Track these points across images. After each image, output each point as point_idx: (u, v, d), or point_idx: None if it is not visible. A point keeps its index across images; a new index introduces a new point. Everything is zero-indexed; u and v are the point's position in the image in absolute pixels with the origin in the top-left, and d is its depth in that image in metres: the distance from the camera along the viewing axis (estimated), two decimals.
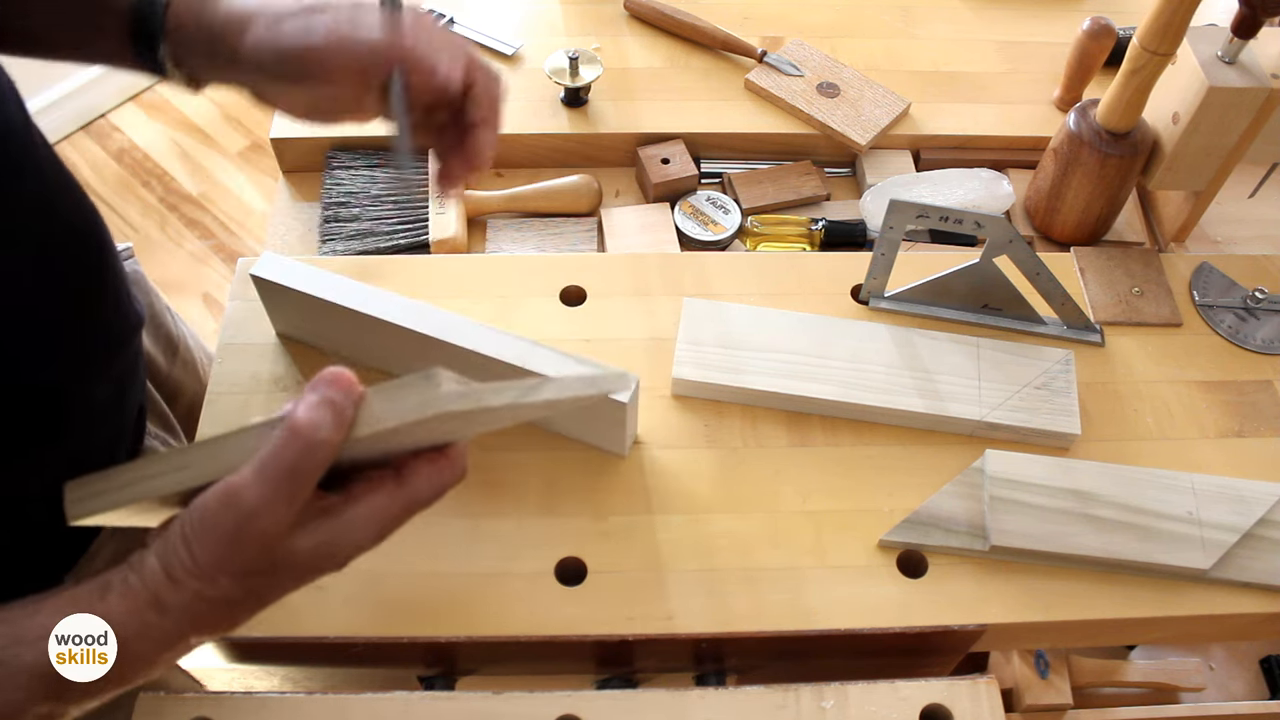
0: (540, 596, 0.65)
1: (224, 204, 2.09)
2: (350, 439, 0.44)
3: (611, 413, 0.66)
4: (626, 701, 0.61)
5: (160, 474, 0.48)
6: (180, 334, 0.87)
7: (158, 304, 0.84)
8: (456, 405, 0.44)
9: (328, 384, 0.44)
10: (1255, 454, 0.74)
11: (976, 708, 0.60)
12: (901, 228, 0.74)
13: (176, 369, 0.85)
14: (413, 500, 0.48)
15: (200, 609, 0.46)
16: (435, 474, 0.48)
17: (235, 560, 0.45)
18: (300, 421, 0.43)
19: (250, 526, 0.44)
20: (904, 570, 0.67)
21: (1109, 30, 0.91)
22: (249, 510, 0.43)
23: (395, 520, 0.48)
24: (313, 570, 0.47)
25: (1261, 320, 0.81)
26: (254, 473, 0.43)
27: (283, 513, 0.44)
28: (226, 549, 0.44)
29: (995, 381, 0.74)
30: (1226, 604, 0.67)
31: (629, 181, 0.95)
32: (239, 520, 0.44)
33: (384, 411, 0.44)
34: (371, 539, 0.47)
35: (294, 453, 0.43)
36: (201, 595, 0.46)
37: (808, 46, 0.99)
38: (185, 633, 0.47)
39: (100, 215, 0.63)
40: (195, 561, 0.45)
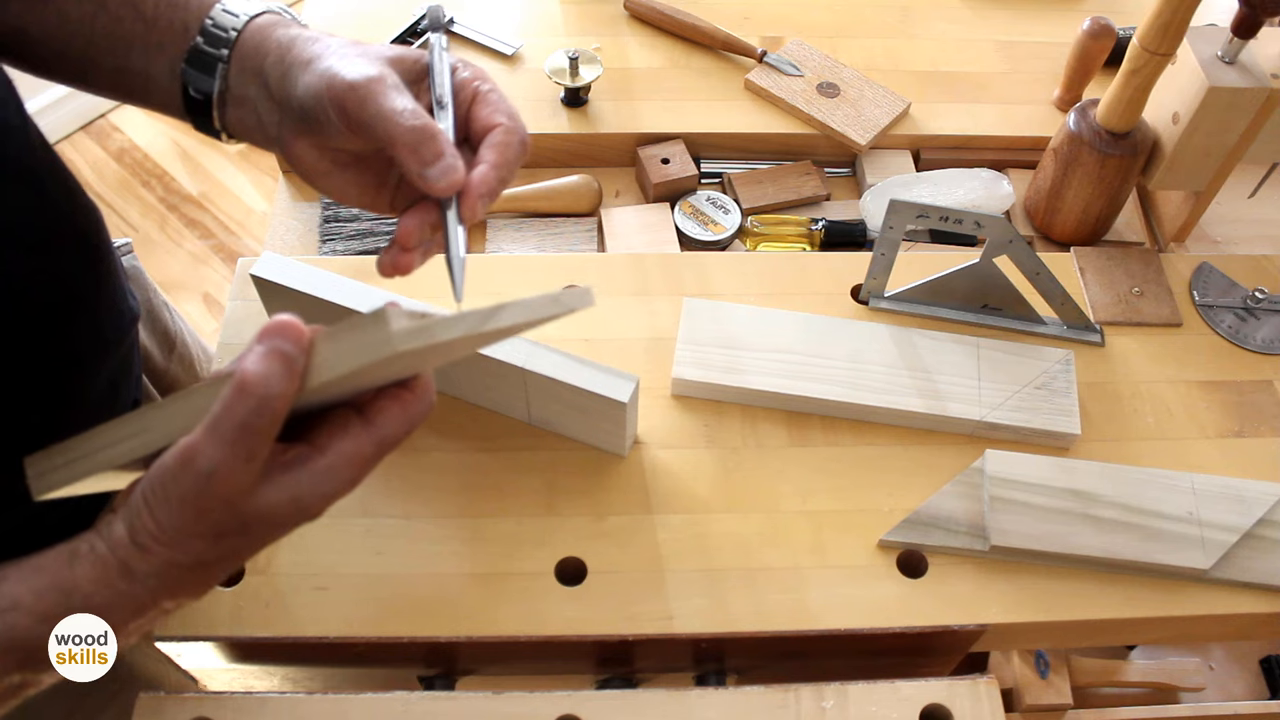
0: (540, 596, 0.65)
1: (224, 204, 2.09)
2: (303, 389, 0.42)
3: (611, 413, 0.66)
4: (626, 701, 0.61)
5: (119, 440, 0.47)
6: (178, 329, 0.87)
7: (155, 299, 0.84)
8: (409, 344, 0.42)
9: (274, 334, 0.42)
10: (1255, 454, 0.74)
11: (976, 708, 0.60)
12: (901, 228, 0.74)
13: (173, 364, 0.85)
14: (383, 440, 0.46)
15: (173, 575, 0.45)
16: (402, 410, 0.46)
17: (202, 523, 0.44)
18: (249, 375, 0.41)
19: (211, 489, 0.42)
20: (904, 570, 0.67)
21: (1109, 30, 0.91)
22: (206, 471, 0.42)
23: (367, 463, 0.46)
24: (287, 524, 0.46)
25: (1261, 320, 0.81)
26: (207, 432, 0.42)
27: (241, 470, 0.43)
28: (191, 513, 0.43)
29: (995, 381, 0.74)
30: (1226, 604, 0.67)
31: (629, 181, 0.95)
32: (198, 483, 0.42)
33: (335, 357, 0.42)
34: (344, 485, 0.46)
35: (245, 409, 0.41)
36: (173, 562, 0.45)
37: (808, 46, 0.99)
38: (159, 598, 0.46)
39: (99, 213, 0.63)
40: (160, 528, 0.44)
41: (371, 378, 0.46)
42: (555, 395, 0.67)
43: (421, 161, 0.50)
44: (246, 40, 0.54)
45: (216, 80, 0.55)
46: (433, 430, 0.71)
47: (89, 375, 0.64)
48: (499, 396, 0.70)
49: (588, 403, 0.66)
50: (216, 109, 0.56)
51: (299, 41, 0.54)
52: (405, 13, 0.99)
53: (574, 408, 0.67)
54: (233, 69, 0.55)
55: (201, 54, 0.54)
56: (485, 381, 0.69)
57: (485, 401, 0.72)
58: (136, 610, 0.46)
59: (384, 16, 1.00)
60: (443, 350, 0.46)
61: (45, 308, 0.58)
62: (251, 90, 0.55)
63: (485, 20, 1.01)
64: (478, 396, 0.71)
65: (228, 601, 0.63)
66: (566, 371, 0.65)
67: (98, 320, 0.64)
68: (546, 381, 0.65)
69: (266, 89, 0.54)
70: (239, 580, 0.64)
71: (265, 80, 0.54)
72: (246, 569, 0.65)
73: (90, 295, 0.63)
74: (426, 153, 0.50)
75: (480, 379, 0.68)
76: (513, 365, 0.65)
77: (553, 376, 0.65)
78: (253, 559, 0.65)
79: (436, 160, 0.50)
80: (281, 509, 0.44)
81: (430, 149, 0.50)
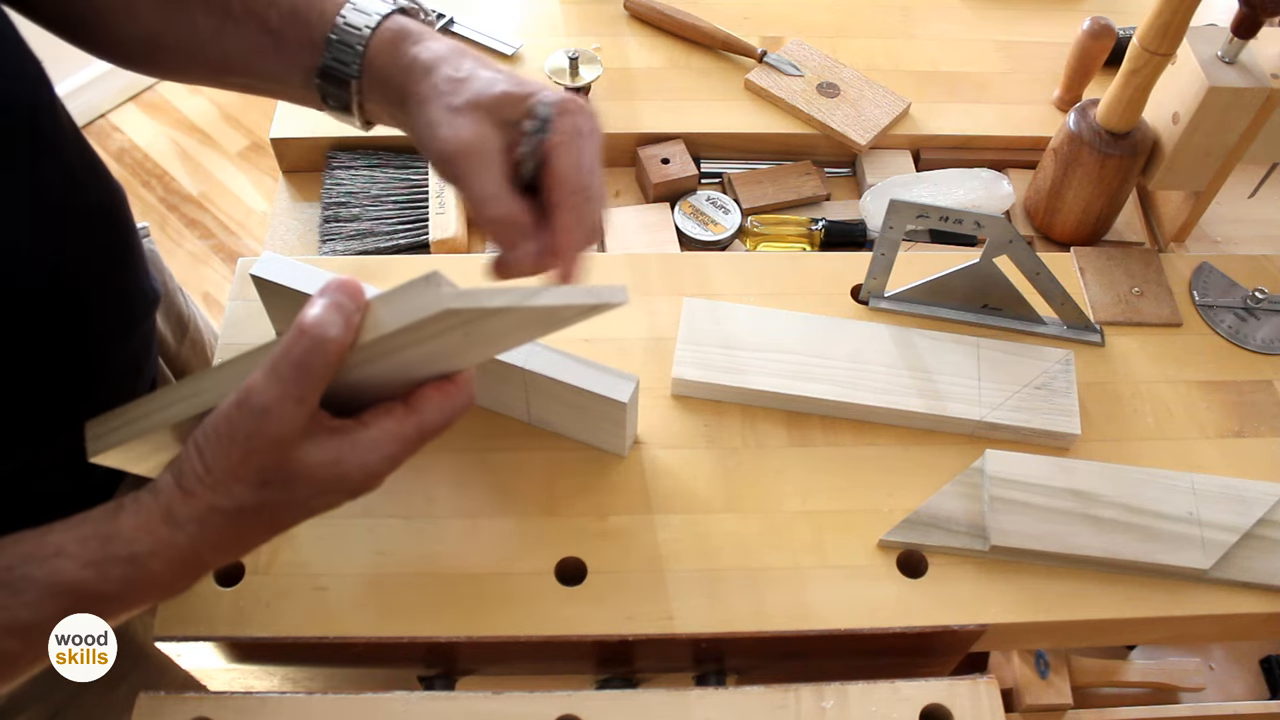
0: (540, 596, 0.65)
1: (224, 204, 2.09)
2: (357, 346, 0.45)
3: (611, 413, 0.66)
4: (626, 701, 0.61)
5: (172, 402, 0.49)
6: (191, 314, 0.89)
7: (171, 284, 0.85)
8: (457, 303, 0.43)
9: (335, 289, 0.45)
10: (1255, 454, 0.74)
11: (976, 708, 0.60)
12: (901, 228, 0.74)
13: (185, 348, 0.86)
14: (423, 424, 0.48)
15: (214, 522, 0.46)
16: (444, 399, 0.49)
17: (248, 466, 0.45)
18: (308, 320, 0.44)
19: (262, 428, 0.44)
20: (904, 570, 0.67)
21: (1109, 30, 0.91)
22: (261, 408, 0.44)
23: (406, 444, 0.48)
24: (325, 489, 0.47)
25: (1261, 320, 0.81)
26: (264, 373, 0.44)
27: (293, 412, 0.45)
28: (239, 453, 0.45)
29: (995, 381, 0.74)
30: (1226, 604, 0.67)
31: (629, 181, 0.95)
32: (250, 420, 0.44)
33: (388, 316, 0.45)
34: (383, 461, 0.48)
35: (302, 349, 0.44)
36: (215, 506, 0.46)
37: (808, 46, 0.99)
38: (199, 549, 0.47)
39: (123, 192, 0.64)
40: (208, 469, 0.46)
41: (419, 357, 0.48)
42: (555, 395, 0.67)
43: (505, 246, 0.52)
44: (372, 61, 0.55)
45: (353, 96, 0.56)
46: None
47: (114, 352, 0.65)
48: (500, 397, 0.71)
49: (588, 403, 0.66)
50: (357, 113, 0.58)
51: (415, 71, 0.55)
52: None
53: (574, 408, 0.67)
54: (365, 83, 0.56)
55: (332, 71, 0.56)
56: (486, 382, 0.69)
57: (486, 402, 0.72)
58: (179, 560, 0.47)
59: None
60: (486, 328, 0.47)
61: (74, 283, 0.59)
62: (384, 109, 0.57)
63: (485, 20, 1.01)
64: (480, 398, 0.71)
65: (228, 601, 0.63)
66: (566, 371, 0.65)
67: (122, 297, 0.65)
68: (546, 381, 0.65)
69: (394, 114, 0.57)
70: (239, 580, 0.64)
71: (392, 109, 0.56)
72: (246, 569, 0.65)
73: (116, 272, 0.64)
74: (506, 241, 0.52)
75: (482, 380, 0.68)
76: (513, 365, 0.65)
77: (553, 376, 0.65)
78: (253, 559, 0.65)
79: (514, 248, 0.52)
80: (323, 469, 0.46)
81: (509, 237, 0.52)
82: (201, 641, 0.63)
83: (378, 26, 0.55)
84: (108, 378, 0.65)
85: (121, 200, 0.63)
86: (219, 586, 0.64)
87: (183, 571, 0.48)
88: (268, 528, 0.49)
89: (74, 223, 0.58)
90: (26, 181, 0.53)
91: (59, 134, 0.57)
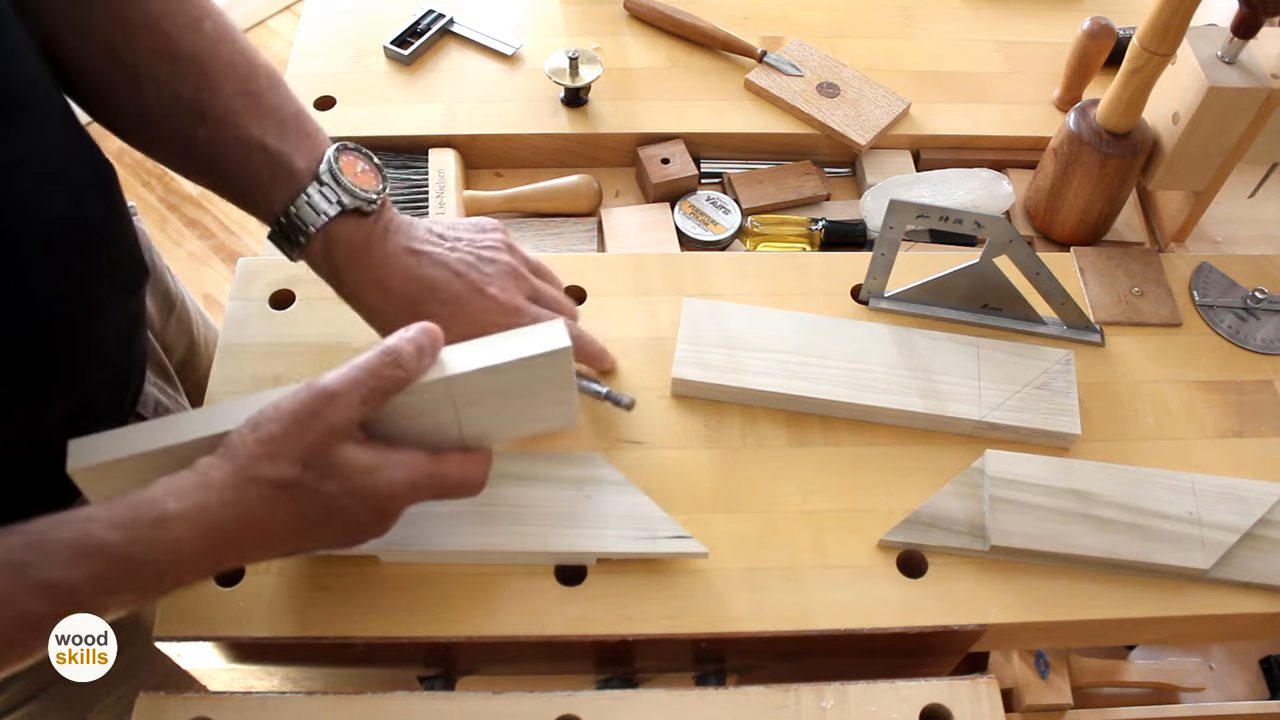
0: (540, 596, 0.65)
1: (224, 204, 2.07)
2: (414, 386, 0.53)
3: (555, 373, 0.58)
4: (626, 701, 0.61)
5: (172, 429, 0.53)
6: (178, 293, 0.90)
7: (159, 262, 0.86)
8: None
9: (421, 331, 0.54)
10: (1255, 454, 0.74)
11: (976, 708, 0.60)
12: (901, 228, 0.74)
13: (170, 326, 0.87)
14: (443, 473, 0.55)
15: (249, 493, 0.49)
16: (463, 461, 0.57)
17: (298, 443, 0.50)
18: (391, 342, 0.52)
19: (326, 410, 0.50)
20: (904, 570, 0.67)
21: (1109, 30, 0.91)
22: (331, 393, 0.50)
23: (425, 482, 0.54)
24: (351, 493, 0.52)
25: (1261, 320, 0.81)
26: (339, 370, 0.51)
27: (356, 407, 0.51)
28: (295, 427, 0.50)
29: (995, 381, 0.74)
30: (1226, 604, 0.67)
31: (629, 181, 0.95)
32: (317, 400, 0.50)
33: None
34: (404, 486, 0.53)
35: (379, 361, 0.51)
36: (256, 476, 0.49)
37: (808, 46, 0.99)
38: (228, 521, 0.49)
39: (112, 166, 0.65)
40: (260, 440, 0.49)
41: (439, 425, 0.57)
42: (487, 392, 0.57)
43: None
44: (316, 246, 0.62)
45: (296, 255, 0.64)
46: None
47: (107, 320, 0.66)
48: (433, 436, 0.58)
49: (527, 379, 0.57)
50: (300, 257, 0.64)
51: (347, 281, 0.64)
52: (406, 12, 0.99)
53: (512, 395, 0.58)
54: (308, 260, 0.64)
55: (282, 236, 0.63)
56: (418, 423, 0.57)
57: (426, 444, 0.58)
58: (206, 527, 0.48)
59: (384, 16, 1.00)
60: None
61: (71, 247, 0.59)
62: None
63: (485, 20, 1.01)
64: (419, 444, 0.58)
65: (228, 601, 0.63)
66: (490, 355, 0.56)
67: (116, 265, 0.66)
68: (474, 379, 0.56)
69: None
70: (239, 580, 0.64)
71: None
72: (246, 569, 0.65)
73: (110, 240, 0.65)
74: None
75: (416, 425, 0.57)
76: (435, 381, 0.55)
77: (478, 367, 0.55)
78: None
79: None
80: (357, 472, 0.52)
81: None
82: (201, 641, 0.63)
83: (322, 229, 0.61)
84: (102, 345, 0.65)
85: (113, 173, 0.65)
86: (219, 586, 0.64)
87: (208, 546, 0.49)
88: (294, 521, 0.51)
89: (72, 186, 0.59)
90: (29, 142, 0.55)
91: (54, 104, 0.58)
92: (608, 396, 0.71)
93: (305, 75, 0.94)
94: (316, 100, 0.92)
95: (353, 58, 0.84)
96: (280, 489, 0.50)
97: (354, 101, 0.93)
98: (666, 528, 0.65)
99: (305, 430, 0.50)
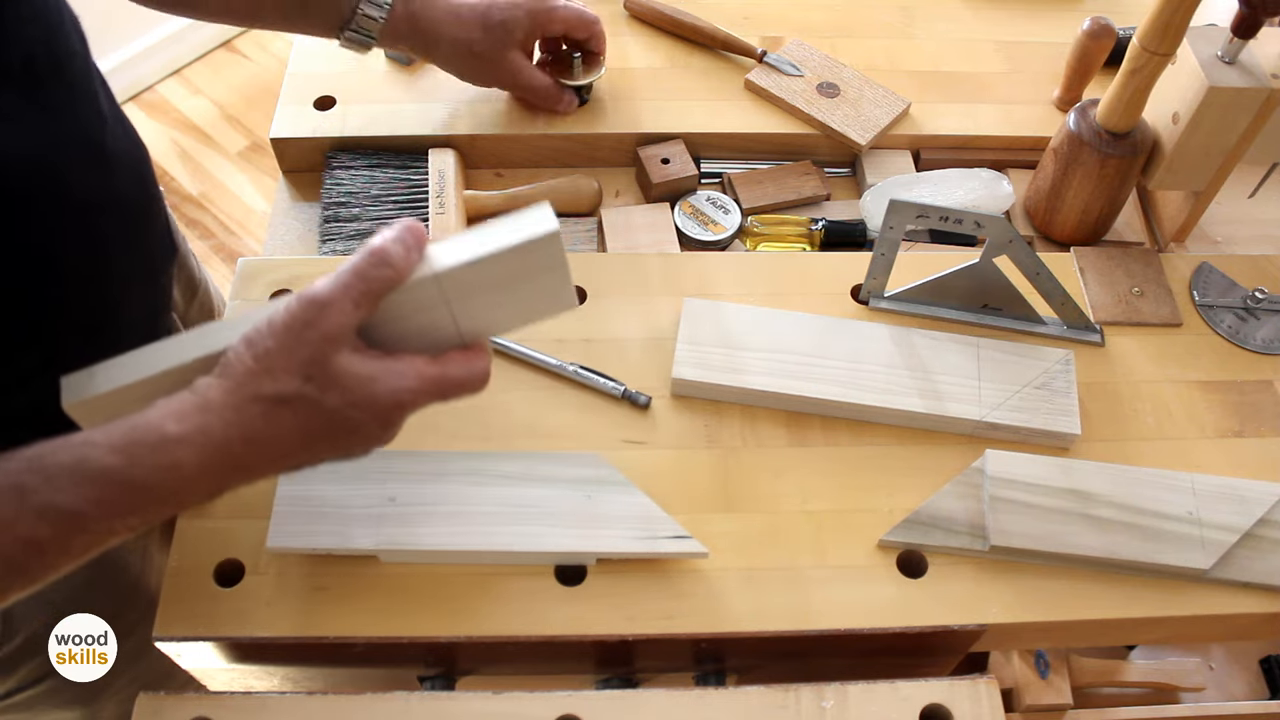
0: (540, 596, 0.65)
1: (224, 204, 2.09)
2: (404, 285, 0.52)
3: (547, 259, 0.56)
4: (626, 701, 0.61)
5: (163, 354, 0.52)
6: (202, 278, 0.91)
7: (184, 246, 0.87)
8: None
9: (404, 229, 0.52)
10: (1255, 454, 0.74)
11: (976, 708, 0.60)
12: (901, 228, 0.74)
13: (193, 310, 0.89)
14: (444, 373, 0.53)
15: (250, 411, 0.48)
16: (464, 358, 0.55)
17: (298, 355, 0.49)
18: (375, 243, 0.51)
19: (320, 319, 0.49)
20: (904, 570, 0.67)
21: (1109, 30, 0.91)
22: (323, 301, 0.49)
23: (429, 386, 0.53)
24: (355, 403, 0.50)
25: (1261, 320, 0.81)
26: (327, 277, 0.50)
27: (349, 312, 0.49)
28: (293, 340, 0.49)
29: (995, 381, 0.74)
30: (1226, 604, 0.67)
31: (629, 181, 0.95)
32: (309, 310, 0.49)
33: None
34: (407, 394, 0.52)
35: (366, 263, 0.50)
36: (256, 394, 0.48)
37: (808, 46, 0.99)
38: (230, 438, 0.48)
39: (145, 147, 0.66)
40: (257, 357, 0.49)
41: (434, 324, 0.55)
42: (478, 285, 0.56)
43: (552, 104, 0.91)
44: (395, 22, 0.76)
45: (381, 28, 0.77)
46: (429, 428, 0.71)
47: (135, 298, 0.67)
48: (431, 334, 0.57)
49: (517, 268, 0.55)
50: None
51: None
52: None
53: (503, 288, 0.57)
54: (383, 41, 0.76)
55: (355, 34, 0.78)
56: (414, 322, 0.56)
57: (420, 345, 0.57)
58: (208, 448, 0.48)
59: None
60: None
61: (105, 225, 0.60)
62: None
63: None
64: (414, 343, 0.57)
65: (228, 601, 0.64)
66: (478, 247, 0.54)
67: (147, 244, 0.67)
68: (463, 274, 0.54)
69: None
70: (239, 580, 0.64)
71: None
72: (246, 569, 0.65)
73: (142, 219, 0.66)
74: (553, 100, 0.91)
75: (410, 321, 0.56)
76: (424, 278, 0.54)
77: (466, 261, 0.54)
78: (253, 559, 0.65)
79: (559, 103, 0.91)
80: (358, 381, 0.50)
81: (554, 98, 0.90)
82: (201, 641, 0.63)
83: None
84: (129, 322, 0.66)
85: (146, 154, 0.66)
86: (219, 586, 0.64)
87: (211, 466, 0.48)
88: (298, 436, 0.50)
89: (106, 164, 0.60)
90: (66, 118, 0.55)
91: (92, 80, 0.59)
92: (625, 395, 0.72)
93: (305, 75, 0.94)
94: (316, 100, 0.92)
95: (353, 58, 0.84)
96: (282, 404, 0.49)
97: (354, 101, 0.93)
98: (666, 528, 0.65)
99: (302, 342, 0.49)
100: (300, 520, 0.63)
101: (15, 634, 0.68)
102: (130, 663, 0.64)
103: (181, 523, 0.66)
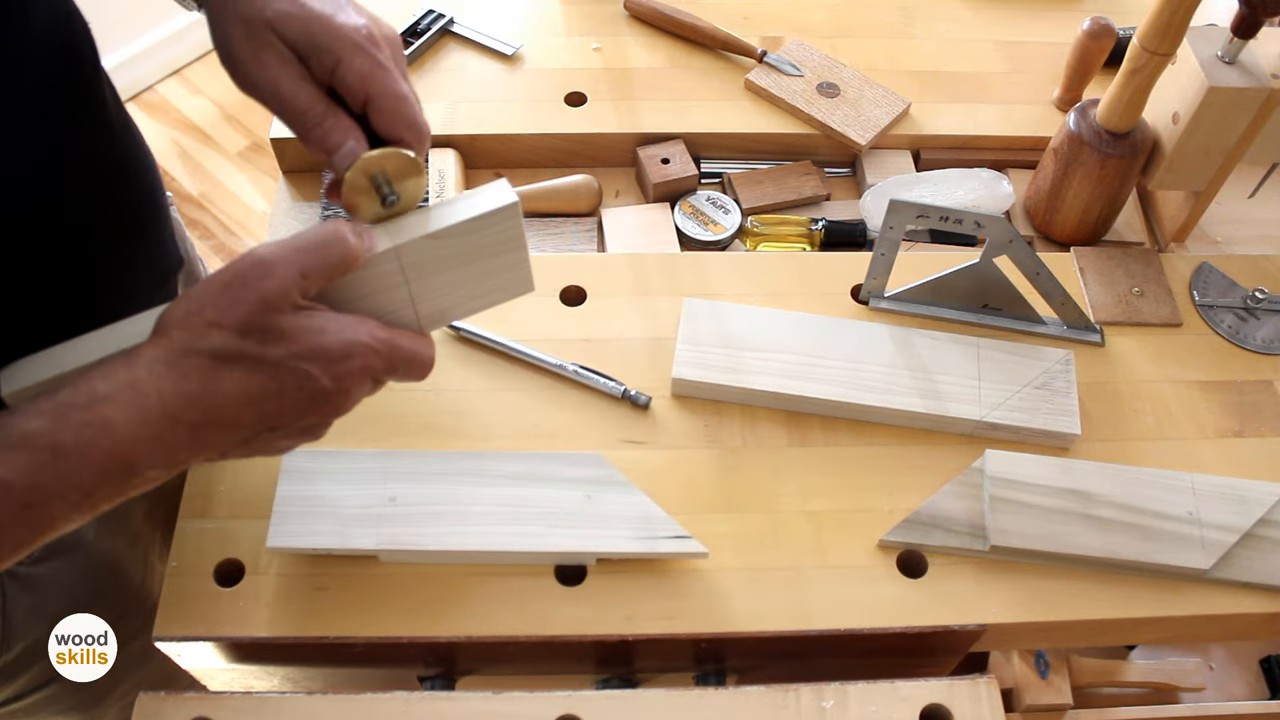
0: (540, 596, 0.65)
1: (224, 204, 2.09)
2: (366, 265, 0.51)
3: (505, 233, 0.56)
4: (626, 701, 0.61)
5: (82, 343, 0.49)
6: None
7: (192, 253, 0.86)
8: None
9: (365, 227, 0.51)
10: (1255, 454, 0.74)
11: (976, 708, 0.60)
12: (901, 228, 0.74)
13: None
14: (395, 344, 0.51)
15: (184, 366, 0.45)
16: (415, 336, 0.53)
17: (231, 312, 0.46)
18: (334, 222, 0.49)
19: (259, 280, 0.46)
20: (904, 570, 0.67)
21: (1109, 30, 0.91)
22: (267, 262, 0.46)
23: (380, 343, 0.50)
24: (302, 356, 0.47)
25: (1261, 320, 0.81)
26: (280, 240, 0.47)
27: (293, 281, 0.47)
28: (230, 298, 0.46)
29: (995, 381, 0.74)
30: (1226, 604, 0.67)
31: (629, 181, 0.95)
32: (253, 268, 0.46)
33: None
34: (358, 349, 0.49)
35: (323, 235, 0.48)
36: (190, 348, 0.46)
37: (808, 46, 0.99)
38: (165, 397, 0.45)
39: (153, 157, 0.64)
40: (189, 312, 0.46)
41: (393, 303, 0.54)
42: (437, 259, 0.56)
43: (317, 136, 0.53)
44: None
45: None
46: (426, 429, 0.71)
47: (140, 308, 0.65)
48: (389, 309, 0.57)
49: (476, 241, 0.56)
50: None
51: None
52: (406, 12, 0.99)
53: (464, 263, 0.57)
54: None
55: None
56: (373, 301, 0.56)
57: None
58: (140, 407, 0.45)
59: (383, 16, 0.99)
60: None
61: (109, 236, 0.60)
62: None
63: (485, 20, 1.01)
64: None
65: (228, 601, 0.63)
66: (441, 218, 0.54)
67: (152, 255, 0.66)
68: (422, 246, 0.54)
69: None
70: (239, 580, 0.64)
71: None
72: (246, 569, 0.65)
73: (147, 230, 0.65)
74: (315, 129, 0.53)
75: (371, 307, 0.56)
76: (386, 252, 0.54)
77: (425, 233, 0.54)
78: (253, 559, 0.65)
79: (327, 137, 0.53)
80: (304, 333, 0.47)
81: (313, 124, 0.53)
82: (201, 641, 0.63)
83: None
84: None
85: (152, 163, 0.65)
86: (219, 586, 0.64)
87: (148, 426, 0.45)
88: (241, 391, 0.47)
89: (113, 177, 0.59)
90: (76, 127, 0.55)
91: (101, 89, 0.58)
92: (625, 394, 0.72)
93: None
94: None
95: None
96: (220, 360, 0.46)
97: None
98: (666, 528, 0.65)
99: (237, 300, 0.46)
100: (300, 520, 0.64)
101: (15, 642, 0.68)
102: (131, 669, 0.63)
103: (181, 523, 0.66)
